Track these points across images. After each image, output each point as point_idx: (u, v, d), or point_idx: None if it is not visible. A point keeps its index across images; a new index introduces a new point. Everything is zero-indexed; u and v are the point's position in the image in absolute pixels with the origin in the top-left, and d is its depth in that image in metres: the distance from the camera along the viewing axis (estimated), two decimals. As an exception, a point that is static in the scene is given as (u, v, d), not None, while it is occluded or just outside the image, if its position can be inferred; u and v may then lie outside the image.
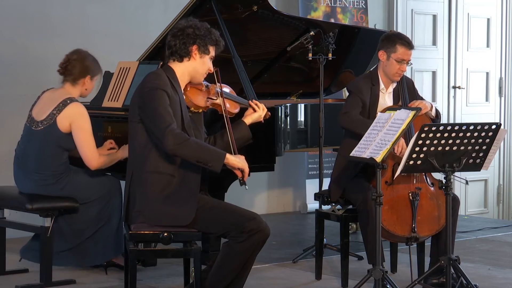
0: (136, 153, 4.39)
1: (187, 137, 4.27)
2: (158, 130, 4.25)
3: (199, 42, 4.42)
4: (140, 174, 4.35)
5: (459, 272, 4.78)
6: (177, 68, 4.45)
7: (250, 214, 4.36)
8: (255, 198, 8.07)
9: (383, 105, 5.30)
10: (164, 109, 4.27)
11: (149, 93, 4.32)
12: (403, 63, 5.24)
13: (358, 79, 5.43)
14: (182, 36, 4.42)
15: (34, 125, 5.24)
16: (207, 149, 4.31)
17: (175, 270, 5.56)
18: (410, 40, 5.32)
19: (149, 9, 7.35)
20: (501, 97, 9.83)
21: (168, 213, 4.32)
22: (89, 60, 5.35)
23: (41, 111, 5.25)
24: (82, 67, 5.30)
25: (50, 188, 5.20)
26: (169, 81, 4.39)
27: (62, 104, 5.18)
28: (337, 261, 5.55)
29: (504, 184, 9.87)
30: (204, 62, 4.47)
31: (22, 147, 5.31)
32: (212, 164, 4.26)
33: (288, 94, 6.93)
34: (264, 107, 4.72)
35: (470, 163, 4.70)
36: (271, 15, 6.16)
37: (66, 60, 5.33)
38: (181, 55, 4.43)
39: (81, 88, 5.33)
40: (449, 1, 9.35)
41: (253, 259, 4.38)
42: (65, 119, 5.16)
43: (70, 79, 5.31)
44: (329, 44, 6.23)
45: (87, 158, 5.18)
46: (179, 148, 4.22)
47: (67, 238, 5.31)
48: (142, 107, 4.34)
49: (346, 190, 5.27)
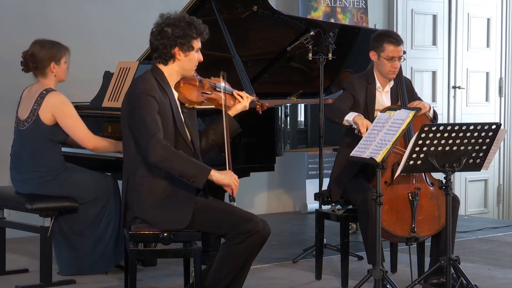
0: (129, 158, 4.36)
1: (172, 150, 4.19)
2: (143, 140, 4.19)
3: (180, 42, 4.34)
4: (134, 179, 4.33)
5: (459, 272, 4.78)
6: (164, 69, 4.40)
7: (247, 215, 4.35)
8: (255, 198, 8.07)
9: (381, 104, 5.32)
10: (151, 117, 4.20)
11: (137, 99, 4.26)
12: (394, 60, 5.25)
13: (353, 78, 5.46)
14: (162, 39, 4.34)
15: (20, 125, 5.25)
16: (191, 164, 4.21)
17: (175, 270, 5.56)
18: (397, 36, 5.33)
19: (149, 9, 7.35)
20: (501, 97, 9.83)
21: (164, 217, 4.30)
22: (44, 49, 5.27)
23: (24, 110, 5.25)
24: (40, 58, 5.24)
25: (49, 184, 5.19)
26: (157, 83, 4.33)
27: (40, 98, 5.17)
28: (337, 261, 5.55)
29: (504, 184, 9.87)
30: (191, 59, 4.39)
31: (15, 149, 5.31)
32: (194, 180, 4.19)
33: (288, 94, 6.93)
34: (247, 95, 4.61)
35: (470, 163, 4.70)
36: (271, 15, 6.16)
37: (24, 56, 5.30)
38: (165, 58, 4.37)
39: (52, 76, 5.27)
40: (449, 1, 9.35)
41: (252, 260, 4.38)
42: (47, 111, 5.14)
43: (38, 73, 5.28)
44: (329, 44, 6.23)
45: (81, 139, 5.15)
46: (162, 161, 4.16)
47: (69, 239, 5.31)
48: (130, 113, 4.28)
49: (346, 190, 5.27)
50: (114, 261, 5.39)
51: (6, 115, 6.71)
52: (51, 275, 5.18)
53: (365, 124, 4.94)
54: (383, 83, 5.36)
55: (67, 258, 5.36)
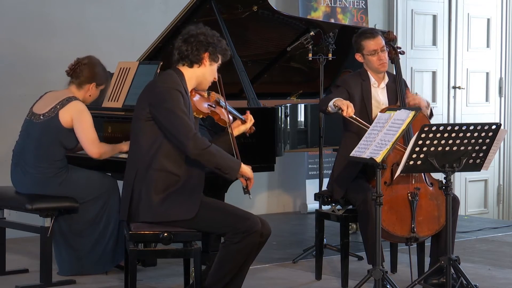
0: (142, 151, 4.38)
1: (209, 143, 4.32)
2: (182, 134, 4.28)
3: (211, 49, 4.46)
4: (145, 172, 4.36)
5: (459, 272, 4.78)
6: (186, 72, 4.48)
7: (245, 214, 4.38)
8: (255, 198, 8.07)
9: (377, 100, 5.34)
10: (182, 111, 4.30)
11: (165, 92, 4.34)
12: (377, 53, 5.28)
13: (347, 76, 5.54)
14: (195, 43, 4.45)
15: (35, 118, 5.27)
16: (227, 157, 4.37)
17: (175, 270, 5.56)
18: (372, 30, 5.45)
19: (149, 9, 7.35)
20: (501, 97, 9.83)
21: (173, 208, 4.33)
22: (98, 68, 5.40)
23: (43, 106, 5.30)
24: (90, 72, 5.36)
25: (49, 181, 5.20)
26: (180, 82, 4.42)
27: (66, 100, 5.24)
28: (337, 261, 5.55)
29: (504, 184, 9.87)
30: (213, 70, 4.51)
31: (21, 142, 5.33)
32: (229, 172, 4.36)
33: (288, 94, 6.93)
34: (252, 120, 4.78)
35: (470, 163, 4.70)
36: (271, 15, 6.16)
37: (76, 63, 5.39)
38: (192, 61, 4.46)
39: (85, 94, 5.38)
40: (449, 1, 9.34)
41: (252, 259, 4.40)
42: (67, 113, 5.20)
43: (76, 82, 5.36)
44: (329, 44, 6.23)
45: (87, 145, 5.20)
46: (202, 153, 4.28)
47: (68, 239, 5.32)
48: (156, 105, 4.34)
49: (346, 190, 5.26)
50: (114, 261, 5.40)
51: (6, 115, 6.71)
52: (51, 275, 5.18)
53: (345, 103, 4.98)
54: (378, 79, 5.38)
55: (67, 258, 5.36)
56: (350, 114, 4.94)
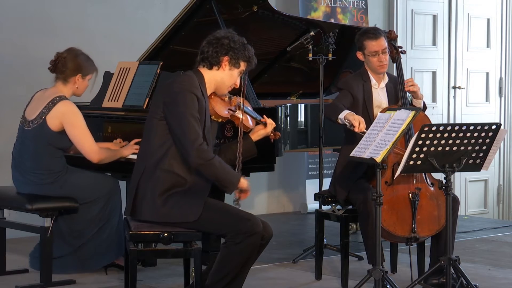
0: (152, 149, 4.39)
1: (213, 155, 4.32)
2: (187, 141, 4.28)
3: (232, 54, 4.46)
4: (153, 170, 4.36)
5: (459, 272, 4.78)
6: (206, 74, 4.48)
7: (246, 215, 4.38)
8: (255, 198, 8.07)
9: (378, 100, 5.34)
10: (193, 116, 4.29)
11: (180, 94, 4.33)
12: (378, 54, 5.28)
13: (348, 77, 5.52)
14: (217, 45, 4.45)
15: (25, 125, 5.23)
16: (228, 171, 4.37)
17: (175, 270, 5.56)
18: (375, 30, 5.39)
19: (149, 9, 7.35)
20: (501, 97, 9.83)
21: (176, 210, 4.33)
22: (80, 59, 5.28)
23: (32, 111, 5.23)
24: (72, 65, 5.24)
25: (48, 187, 5.19)
26: (198, 85, 4.42)
27: (52, 103, 5.15)
28: (337, 261, 5.55)
29: (504, 184, 9.87)
30: (232, 75, 4.50)
31: (18, 148, 5.31)
32: (228, 186, 4.37)
33: (288, 94, 6.93)
34: (272, 122, 4.76)
35: (470, 163, 4.70)
36: (271, 15, 6.16)
37: (56, 57, 5.28)
38: (212, 63, 4.46)
39: (73, 87, 5.26)
40: (449, 1, 9.34)
41: (252, 260, 4.40)
42: (55, 118, 5.13)
43: (62, 77, 5.26)
44: (329, 44, 6.23)
45: (86, 152, 5.16)
46: (204, 165, 4.28)
47: (67, 239, 5.32)
48: (169, 106, 4.34)
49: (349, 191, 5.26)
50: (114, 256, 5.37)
51: (5, 115, 6.72)
52: (51, 275, 5.18)
53: (357, 118, 4.97)
54: (378, 79, 5.39)
55: (67, 258, 5.35)
56: (362, 129, 4.92)
